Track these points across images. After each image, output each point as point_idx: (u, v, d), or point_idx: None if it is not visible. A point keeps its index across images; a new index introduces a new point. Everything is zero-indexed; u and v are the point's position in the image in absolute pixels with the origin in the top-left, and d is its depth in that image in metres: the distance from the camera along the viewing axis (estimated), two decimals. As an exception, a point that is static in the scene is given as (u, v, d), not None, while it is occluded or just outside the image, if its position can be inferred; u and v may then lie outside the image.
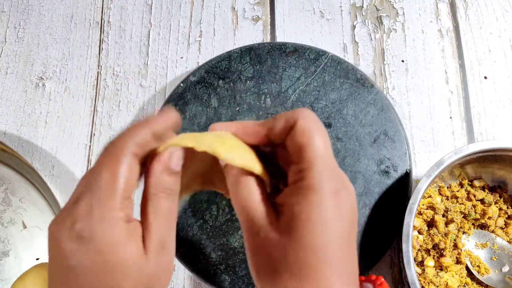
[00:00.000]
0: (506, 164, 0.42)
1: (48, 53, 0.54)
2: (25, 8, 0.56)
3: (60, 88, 0.53)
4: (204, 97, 0.48)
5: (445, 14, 0.53)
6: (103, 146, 0.24)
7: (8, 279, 0.45)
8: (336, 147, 0.46)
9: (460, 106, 0.50)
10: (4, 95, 0.53)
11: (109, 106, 0.52)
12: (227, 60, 0.49)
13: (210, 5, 0.55)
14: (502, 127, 0.49)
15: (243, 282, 0.43)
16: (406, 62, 0.52)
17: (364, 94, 0.47)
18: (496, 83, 0.50)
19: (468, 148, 0.39)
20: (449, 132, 0.49)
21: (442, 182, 0.44)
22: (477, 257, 0.42)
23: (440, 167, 0.38)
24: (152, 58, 0.53)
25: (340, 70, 0.48)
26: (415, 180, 0.46)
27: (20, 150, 0.50)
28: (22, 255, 0.46)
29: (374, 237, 0.43)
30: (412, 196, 0.38)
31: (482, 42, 0.52)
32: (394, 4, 0.54)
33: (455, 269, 0.41)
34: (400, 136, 0.46)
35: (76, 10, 0.56)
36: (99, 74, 0.53)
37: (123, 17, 0.55)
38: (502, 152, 0.40)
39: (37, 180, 0.46)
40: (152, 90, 0.52)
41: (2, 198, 0.48)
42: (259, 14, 0.55)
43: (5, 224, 0.47)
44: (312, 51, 0.49)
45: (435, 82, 0.51)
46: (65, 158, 0.50)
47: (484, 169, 0.44)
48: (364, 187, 0.45)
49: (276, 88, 0.48)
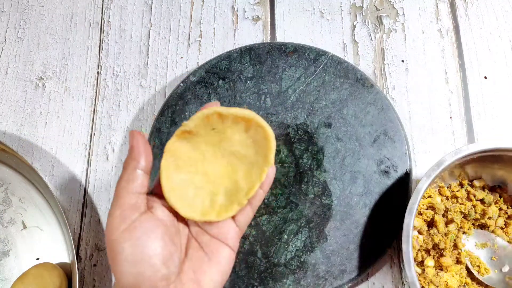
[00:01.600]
0: (506, 164, 0.42)
1: (48, 53, 0.54)
2: (25, 8, 0.56)
3: (60, 88, 0.53)
4: (204, 97, 0.48)
5: (445, 14, 0.53)
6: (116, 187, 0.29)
7: (8, 279, 0.45)
8: (336, 147, 0.46)
9: (460, 106, 0.50)
10: (4, 95, 0.53)
11: (109, 106, 0.52)
12: (227, 60, 0.49)
13: (210, 5, 0.55)
14: (502, 127, 0.49)
15: (243, 282, 0.43)
16: (406, 62, 0.52)
17: (364, 94, 0.47)
18: (496, 83, 0.50)
19: (468, 148, 0.39)
20: (449, 132, 0.49)
21: (442, 182, 0.44)
22: (477, 257, 0.42)
23: (440, 167, 0.38)
24: (152, 58, 0.53)
25: (340, 70, 0.48)
26: (415, 180, 0.46)
27: (20, 150, 0.50)
28: (22, 255, 0.46)
29: (374, 237, 0.43)
30: (412, 196, 0.38)
31: (482, 42, 0.52)
32: (394, 4, 0.54)
33: (455, 269, 0.41)
34: (400, 136, 0.46)
35: (76, 10, 0.56)
36: (99, 74, 0.53)
37: (123, 17, 0.55)
38: (502, 152, 0.40)
39: (37, 180, 0.46)
40: (152, 90, 0.52)
41: (2, 198, 0.48)
42: (259, 14, 0.55)
43: (5, 224, 0.47)
44: (312, 51, 0.49)
45: (435, 82, 0.51)
46: (65, 158, 0.50)
47: (484, 169, 0.44)
48: (364, 187, 0.45)
49: (276, 88, 0.48)
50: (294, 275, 0.43)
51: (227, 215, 0.30)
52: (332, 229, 0.44)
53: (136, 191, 0.28)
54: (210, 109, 0.29)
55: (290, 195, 0.45)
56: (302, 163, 0.46)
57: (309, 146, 0.47)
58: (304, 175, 0.46)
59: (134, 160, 0.28)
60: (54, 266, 0.43)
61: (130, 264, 0.26)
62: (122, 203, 0.28)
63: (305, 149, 0.46)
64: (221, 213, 0.30)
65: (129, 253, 0.26)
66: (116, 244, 0.27)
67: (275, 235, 0.44)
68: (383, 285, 0.44)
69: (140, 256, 0.26)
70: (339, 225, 0.44)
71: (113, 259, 0.27)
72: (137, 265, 0.26)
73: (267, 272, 0.43)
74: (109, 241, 0.27)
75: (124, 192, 0.28)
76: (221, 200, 0.31)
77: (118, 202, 0.28)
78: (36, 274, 0.42)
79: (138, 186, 0.28)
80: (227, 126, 0.30)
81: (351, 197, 0.44)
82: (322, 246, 0.43)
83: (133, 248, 0.26)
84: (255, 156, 0.30)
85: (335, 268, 0.42)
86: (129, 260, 0.26)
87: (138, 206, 0.28)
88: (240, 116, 0.29)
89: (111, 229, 0.27)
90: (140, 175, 0.28)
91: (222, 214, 0.30)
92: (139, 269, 0.26)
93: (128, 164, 0.28)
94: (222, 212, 0.30)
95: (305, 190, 0.45)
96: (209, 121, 0.30)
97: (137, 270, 0.26)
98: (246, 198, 0.30)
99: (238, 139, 0.31)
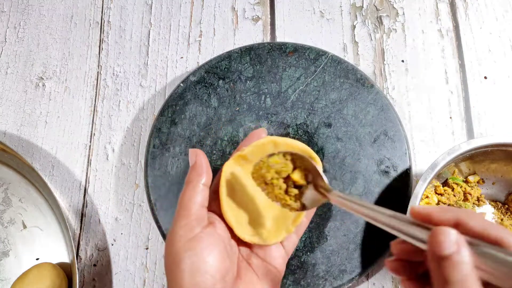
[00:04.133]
0: (500, 158, 0.42)
1: (48, 53, 0.54)
2: (25, 8, 0.56)
3: (60, 88, 0.53)
4: (204, 97, 0.48)
5: (445, 14, 0.53)
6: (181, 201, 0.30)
7: (8, 279, 0.45)
8: (336, 147, 0.46)
9: (460, 106, 0.50)
10: (4, 95, 0.53)
11: (109, 106, 0.52)
12: (227, 60, 0.49)
13: (210, 5, 0.55)
14: (502, 127, 0.49)
15: (243, 282, 0.43)
16: (406, 62, 0.52)
17: (364, 94, 0.47)
18: (496, 83, 0.50)
19: (460, 147, 0.39)
20: (449, 132, 0.49)
21: (437, 182, 0.44)
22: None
23: (435, 170, 0.39)
24: (152, 58, 0.53)
25: (340, 70, 0.48)
26: (415, 180, 0.46)
27: (20, 150, 0.50)
28: (22, 255, 0.46)
29: (374, 237, 0.43)
30: (410, 201, 0.38)
31: (482, 42, 0.52)
32: (394, 4, 0.54)
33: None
34: (400, 136, 0.46)
35: (76, 10, 0.56)
36: (99, 74, 0.53)
37: (123, 17, 0.55)
38: (494, 148, 0.41)
39: (37, 180, 0.46)
40: (152, 90, 0.52)
41: (2, 198, 0.48)
42: (259, 14, 0.55)
43: (5, 224, 0.47)
44: (312, 51, 0.49)
45: (435, 82, 0.51)
46: (65, 158, 0.50)
47: (478, 164, 0.44)
48: (364, 187, 0.45)
49: (276, 88, 0.48)
50: (294, 275, 0.43)
51: (276, 240, 0.31)
52: (332, 229, 0.44)
53: (202, 204, 0.30)
54: (267, 138, 0.31)
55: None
56: (302, 163, 0.46)
57: (309, 146, 0.46)
58: (304, 175, 0.46)
59: (199, 176, 0.30)
60: (54, 266, 0.43)
61: (190, 273, 0.27)
62: (188, 214, 0.29)
63: (305, 149, 0.46)
64: (270, 238, 0.31)
65: (192, 262, 0.27)
66: (180, 252, 0.27)
67: (275, 235, 0.44)
68: (383, 285, 0.44)
69: (202, 267, 0.27)
70: (339, 225, 0.44)
71: (175, 267, 0.27)
72: (197, 275, 0.27)
73: (267, 272, 0.43)
74: (172, 249, 0.28)
75: (192, 204, 0.29)
76: (270, 225, 0.32)
77: (184, 213, 0.29)
78: (36, 274, 0.42)
79: (203, 199, 0.30)
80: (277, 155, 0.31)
81: (351, 197, 0.44)
82: (322, 246, 0.43)
83: (197, 258, 0.27)
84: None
85: (335, 268, 0.42)
86: (190, 269, 0.27)
87: (202, 218, 0.29)
88: (292, 145, 0.31)
89: (175, 238, 0.28)
90: (204, 189, 0.30)
91: (271, 239, 0.31)
92: (200, 279, 0.27)
93: (192, 179, 0.30)
94: (271, 237, 0.31)
95: (305, 190, 0.45)
96: (264, 148, 0.31)
97: (197, 280, 0.27)
98: (293, 226, 0.31)
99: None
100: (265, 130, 0.34)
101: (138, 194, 0.48)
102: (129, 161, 0.50)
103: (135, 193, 0.49)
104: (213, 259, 0.27)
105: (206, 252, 0.27)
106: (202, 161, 0.31)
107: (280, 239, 0.31)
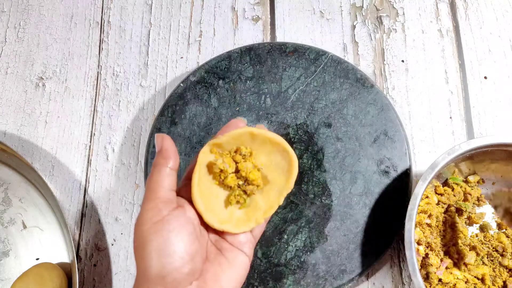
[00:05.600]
0: (500, 158, 0.42)
1: (48, 53, 0.54)
2: (25, 8, 0.56)
3: (60, 88, 0.53)
4: (204, 97, 0.48)
5: (445, 14, 0.53)
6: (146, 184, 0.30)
7: (8, 279, 0.45)
8: (336, 147, 0.46)
9: (460, 106, 0.50)
10: (4, 95, 0.53)
11: (109, 106, 0.52)
12: (227, 60, 0.49)
13: (210, 5, 0.55)
14: (502, 127, 0.49)
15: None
16: (406, 62, 0.52)
17: (364, 94, 0.47)
18: (496, 83, 0.50)
19: (460, 147, 0.39)
20: (449, 132, 0.49)
21: (437, 182, 0.44)
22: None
23: (435, 170, 0.38)
24: (152, 58, 0.53)
25: (340, 70, 0.48)
26: (415, 180, 0.46)
27: (20, 150, 0.50)
28: (22, 255, 0.46)
29: (374, 237, 0.43)
30: (411, 201, 0.38)
31: (482, 42, 0.52)
32: (394, 4, 0.54)
33: (474, 260, 0.41)
34: (400, 136, 0.46)
35: (76, 10, 0.56)
36: (99, 74, 0.53)
37: (123, 17, 0.55)
38: (494, 148, 0.41)
39: (37, 180, 0.46)
40: (152, 90, 0.52)
41: (2, 198, 0.48)
42: (259, 14, 0.55)
43: (5, 224, 0.47)
44: (312, 51, 0.49)
45: (435, 82, 0.51)
46: (65, 158, 0.50)
47: (478, 164, 0.44)
48: (364, 187, 0.45)
49: (276, 88, 0.48)
50: (294, 275, 0.43)
51: (245, 229, 0.31)
52: (332, 229, 0.44)
53: (169, 187, 0.29)
54: (244, 128, 0.31)
55: (290, 195, 0.45)
56: (302, 163, 0.46)
57: (309, 146, 0.47)
58: (304, 175, 0.45)
59: (165, 160, 0.30)
60: (54, 266, 0.43)
61: (158, 255, 0.27)
62: (155, 197, 0.29)
63: (305, 149, 0.46)
64: (239, 226, 0.31)
65: (158, 244, 0.27)
66: (147, 235, 0.27)
67: (275, 235, 0.44)
68: (383, 285, 0.44)
69: (170, 248, 0.27)
70: (339, 225, 0.44)
71: (141, 249, 0.27)
72: (165, 256, 0.27)
73: (267, 272, 0.43)
74: (139, 231, 0.28)
75: (158, 187, 0.29)
76: (239, 214, 0.32)
77: (151, 196, 0.29)
78: (36, 274, 0.42)
79: (171, 183, 0.30)
80: (254, 147, 0.32)
81: (351, 197, 0.44)
82: (322, 246, 0.43)
83: (164, 240, 0.27)
84: (277, 179, 0.32)
85: (335, 268, 0.42)
86: (157, 251, 0.27)
87: (170, 201, 0.29)
88: (269, 137, 0.31)
89: (143, 220, 0.28)
90: (171, 173, 0.30)
91: (240, 227, 0.31)
92: (167, 260, 0.27)
93: (159, 163, 0.30)
94: (240, 225, 0.31)
95: (305, 190, 0.45)
96: (240, 138, 0.31)
97: (165, 261, 0.27)
98: (263, 217, 0.32)
99: (262, 160, 0.32)
100: (244, 120, 0.34)
101: (138, 194, 0.48)
102: (129, 161, 0.50)
103: (135, 193, 0.49)
104: (181, 240, 0.28)
105: (173, 234, 0.27)
106: (169, 145, 0.31)
107: (249, 228, 0.32)
